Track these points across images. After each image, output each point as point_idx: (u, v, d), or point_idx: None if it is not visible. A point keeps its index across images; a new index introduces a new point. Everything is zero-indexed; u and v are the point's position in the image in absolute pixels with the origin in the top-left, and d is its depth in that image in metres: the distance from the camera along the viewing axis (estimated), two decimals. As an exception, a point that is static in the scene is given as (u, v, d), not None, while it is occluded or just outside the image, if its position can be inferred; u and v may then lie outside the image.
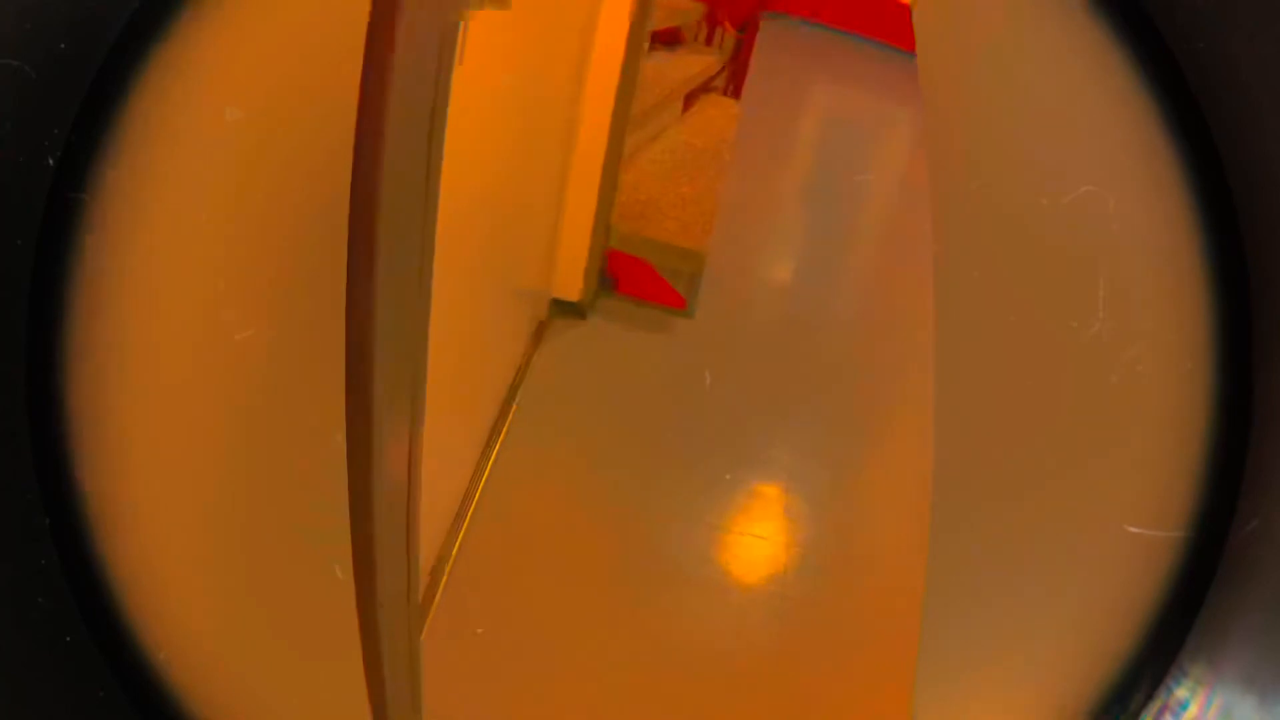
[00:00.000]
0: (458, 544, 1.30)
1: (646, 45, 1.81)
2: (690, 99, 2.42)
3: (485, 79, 1.34)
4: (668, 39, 2.45)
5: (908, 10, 0.58)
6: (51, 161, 0.53)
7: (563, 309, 1.90)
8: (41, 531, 0.55)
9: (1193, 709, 0.51)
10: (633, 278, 1.98)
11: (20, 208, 0.52)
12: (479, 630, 1.20)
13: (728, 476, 1.50)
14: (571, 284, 1.88)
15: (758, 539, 1.39)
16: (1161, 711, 0.52)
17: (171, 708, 0.56)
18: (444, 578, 1.26)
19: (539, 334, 1.86)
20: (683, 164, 2.24)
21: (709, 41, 2.80)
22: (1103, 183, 0.52)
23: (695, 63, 2.44)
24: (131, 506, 0.56)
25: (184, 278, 0.54)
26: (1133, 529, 0.52)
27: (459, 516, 1.35)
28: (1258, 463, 0.52)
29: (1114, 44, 0.54)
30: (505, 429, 1.58)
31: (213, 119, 0.54)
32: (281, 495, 0.56)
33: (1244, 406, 0.53)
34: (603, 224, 1.90)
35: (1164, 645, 0.53)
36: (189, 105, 0.55)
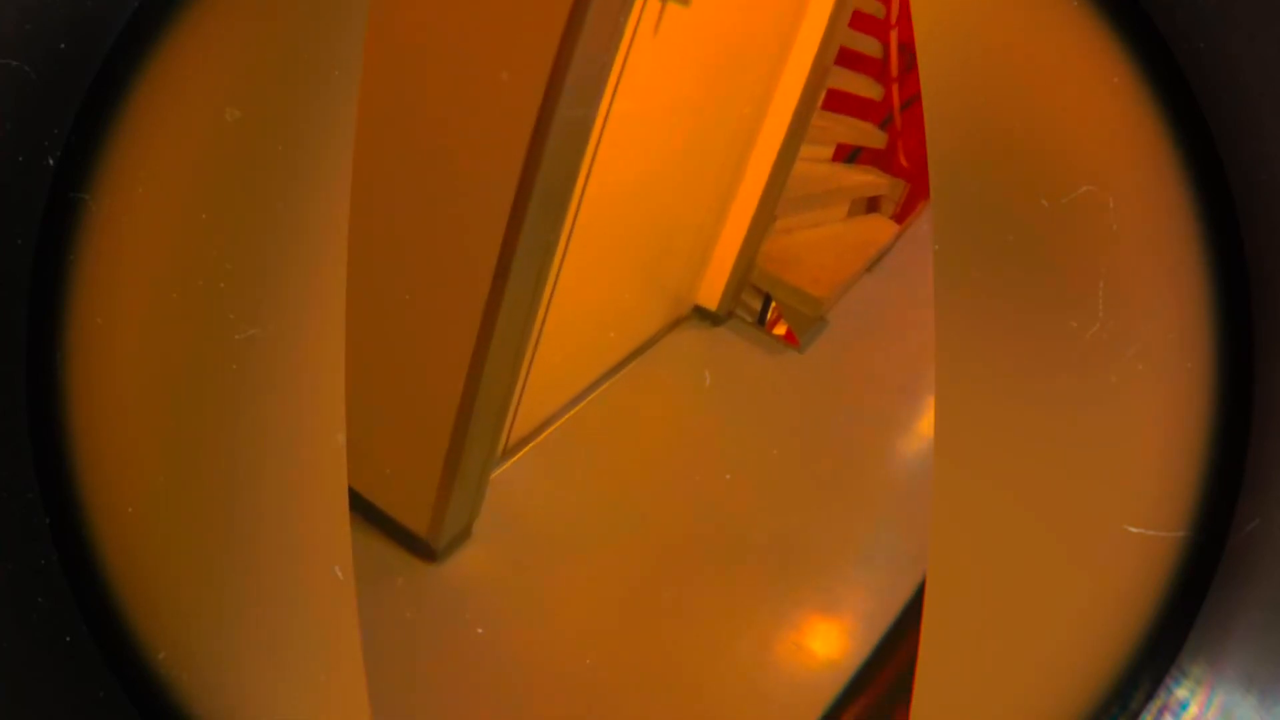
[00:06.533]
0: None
1: (819, 99, 2.05)
2: (854, 213, 2.63)
3: (669, 82, 1.57)
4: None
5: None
6: (51, 161, 0.53)
7: (701, 314, 2.41)
8: (41, 531, 0.55)
9: (1193, 709, 0.51)
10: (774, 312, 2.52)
11: (20, 208, 0.52)
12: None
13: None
14: (712, 295, 2.38)
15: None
16: (1161, 711, 0.52)
17: (171, 708, 0.56)
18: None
19: (675, 324, 2.36)
20: (831, 246, 2.53)
21: (899, 219, 2.85)
22: (1102, 182, 0.52)
23: (873, 183, 2.58)
24: (132, 506, 0.56)
25: (185, 278, 0.54)
26: (1133, 529, 0.52)
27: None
28: (1258, 463, 0.52)
29: (1114, 44, 0.54)
30: (612, 378, 1.96)
31: (213, 119, 0.54)
32: (282, 495, 0.56)
33: (1244, 406, 0.53)
34: (748, 255, 2.33)
35: (1164, 645, 0.53)
36: (189, 105, 0.55)
